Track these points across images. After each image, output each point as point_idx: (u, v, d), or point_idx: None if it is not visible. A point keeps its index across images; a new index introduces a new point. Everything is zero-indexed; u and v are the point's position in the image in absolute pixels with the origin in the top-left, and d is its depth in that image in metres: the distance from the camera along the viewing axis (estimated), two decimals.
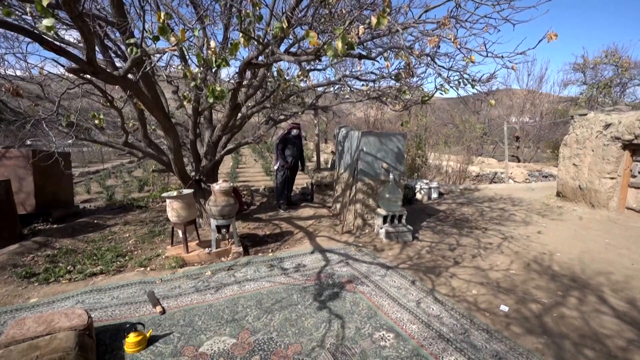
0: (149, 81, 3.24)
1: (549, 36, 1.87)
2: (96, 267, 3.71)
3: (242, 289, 3.20)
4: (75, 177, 15.40)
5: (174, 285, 3.26)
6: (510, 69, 2.31)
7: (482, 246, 4.44)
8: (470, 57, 2.48)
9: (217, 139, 4.89)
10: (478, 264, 3.88)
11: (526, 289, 3.25)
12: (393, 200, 4.54)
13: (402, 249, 4.29)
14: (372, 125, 10.11)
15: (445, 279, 3.45)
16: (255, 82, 4.18)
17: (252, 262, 3.83)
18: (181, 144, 5.46)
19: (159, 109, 3.51)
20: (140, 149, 4.55)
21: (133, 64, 2.32)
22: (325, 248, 4.28)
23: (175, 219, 3.89)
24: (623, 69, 16.50)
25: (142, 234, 5.03)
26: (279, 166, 6.16)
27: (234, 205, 4.01)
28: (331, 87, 5.96)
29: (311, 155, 15.91)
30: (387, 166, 4.69)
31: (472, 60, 2.49)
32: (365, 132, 4.68)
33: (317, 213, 5.92)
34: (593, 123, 5.99)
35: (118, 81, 2.46)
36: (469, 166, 12.61)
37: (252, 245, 4.50)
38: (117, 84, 2.56)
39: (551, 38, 1.87)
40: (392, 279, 3.43)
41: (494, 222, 5.61)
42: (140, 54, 2.12)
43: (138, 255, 4.17)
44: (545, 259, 4.02)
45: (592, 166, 5.97)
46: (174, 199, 3.83)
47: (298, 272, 3.57)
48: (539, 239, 4.73)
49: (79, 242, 4.62)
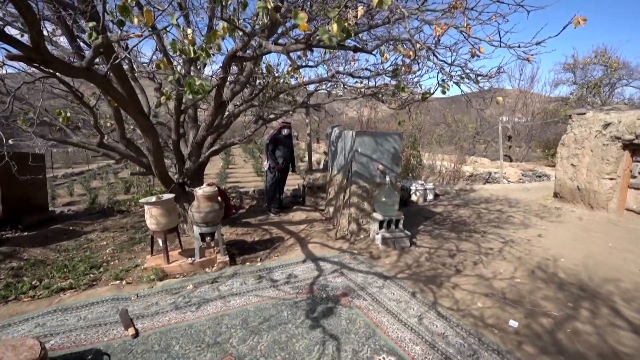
0: (122, 75, 2.91)
1: (576, 21, 1.63)
2: (65, 280, 3.36)
3: (227, 305, 2.89)
4: (58, 178, 14.84)
5: (151, 302, 2.93)
6: (525, 60, 2.08)
7: (483, 252, 4.23)
8: (480, 48, 2.25)
9: (202, 140, 4.56)
10: (480, 271, 3.65)
11: (534, 300, 3.03)
12: (389, 204, 4.29)
13: (400, 256, 4.05)
14: (365, 125, 9.87)
15: (448, 290, 3.21)
16: (242, 78, 3.88)
17: (239, 273, 3.52)
18: (164, 145, 5.13)
19: (135, 107, 3.18)
20: (118, 151, 4.20)
21: (96, 53, 2.00)
22: (318, 256, 4.00)
23: (154, 226, 3.56)
24: (612, 69, 16.63)
25: (121, 241, 4.67)
26: (269, 167, 5.86)
27: (218, 211, 3.70)
28: (323, 84, 5.70)
29: (303, 155, 15.62)
30: (383, 168, 4.43)
31: (480, 51, 2.25)
32: (359, 131, 4.42)
33: (309, 217, 5.64)
34: (592, 122, 5.85)
35: (80, 73, 2.13)
36: (462, 166, 12.49)
37: (240, 254, 4.19)
38: (79, 76, 2.24)
39: (579, 23, 1.63)
40: (390, 290, 3.18)
41: (492, 225, 5.42)
42: (102, 41, 1.81)
43: (114, 267, 3.83)
44: (550, 265, 3.82)
45: (591, 166, 5.83)
46: (153, 205, 3.51)
47: (289, 284, 3.28)
48: (541, 243, 4.54)
49: (50, 252, 4.24)
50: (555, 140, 18.90)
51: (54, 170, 16.04)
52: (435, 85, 2.94)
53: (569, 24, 1.65)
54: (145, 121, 3.51)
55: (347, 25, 1.66)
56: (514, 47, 2.05)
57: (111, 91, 2.65)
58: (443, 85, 2.70)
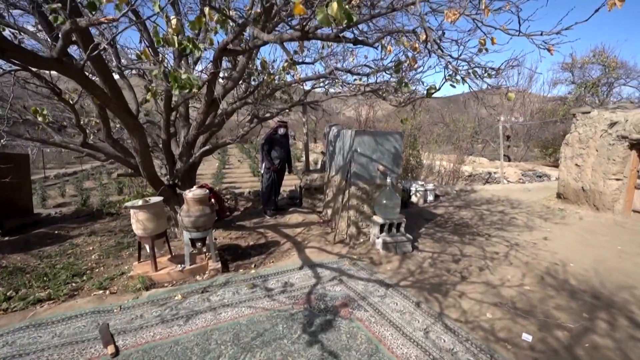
0: (103, 68, 2.67)
1: (612, 3, 1.44)
2: (44, 291, 3.13)
3: (218, 317, 2.68)
4: (50, 179, 14.51)
5: (135, 315, 2.71)
6: (546, 50, 1.88)
7: (488, 256, 4.04)
8: (492, 38, 2.05)
9: (193, 139, 4.33)
10: (487, 278, 3.46)
11: (546, 310, 2.84)
12: (390, 207, 4.09)
13: (402, 262, 3.85)
14: (363, 125, 9.67)
15: (454, 299, 3.01)
16: (235, 74, 3.66)
17: (232, 281, 3.30)
18: (154, 145, 4.89)
19: (119, 104, 2.95)
20: (104, 151, 3.96)
21: (66, 40, 1.78)
22: (315, 262, 3.79)
23: (140, 231, 3.33)
24: (611, 68, 16.57)
25: (108, 246, 4.43)
26: (265, 169, 5.64)
27: (210, 215, 3.48)
28: (321, 82, 5.48)
29: (300, 155, 15.41)
30: (383, 168, 4.23)
31: (493, 42, 2.05)
32: (359, 130, 4.22)
33: (307, 220, 5.42)
34: (597, 121, 5.69)
35: (49, 65, 1.91)
36: (461, 166, 12.33)
37: (233, 259, 3.97)
38: (49, 68, 2.02)
39: (614, 5, 1.44)
40: (393, 300, 2.97)
41: (496, 228, 5.24)
42: (71, 26, 1.59)
43: (99, 274, 3.60)
44: (559, 270, 3.64)
45: (596, 167, 5.67)
46: (139, 209, 3.28)
47: (284, 294, 3.07)
48: (547, 247, 4.37)
49: (32, 258, 4.00)
50: (553, 140, 18.84)
51: (45, 171, 15.71)
52: (442, 80, 2.74)
53: (601, 6, 1.46)
54: (131, 119, 3.28)
55: (348, 8, 1.45)
56: (534, 35, 1.85)
57: (89, 86, 2.42)
58: (452, 79, 2.50)
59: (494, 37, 2.06)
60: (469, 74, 2.76)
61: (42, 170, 15.41)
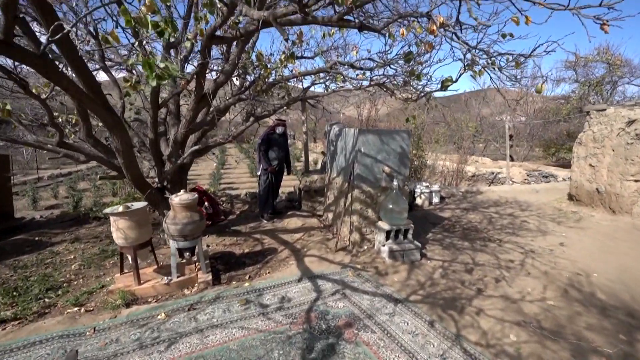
0: (73, 56, 2.34)
1: None
2: (12, 308, 2.79)
3: (205, 341, 2.35)
4: (43, 180, 14.14)
5: (110, 339, 2.38)
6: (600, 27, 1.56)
7: (503, 265, 3.72)
8: (526, 17, 1.72)
9: (183, 138, 4.00)
10: (505, 291, 3.14)
11: (577, 330, 2.52)
12: (397, 212, 3.76)
13: (410, 272, 3.52)
14: (365, 123, 9.34)
15: (472, 318, 2.68)
16: (227, 67, 3.32)
17: (223, 296, 2.97)
18: (142, 144, 4.56)
19: (96, 98, 2.62)
20: (84, 151, 3.63)
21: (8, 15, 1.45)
22: (315, 273, 3.46)
23: (121, 241, 3.00)
24: (615, 66, 16.27)
25: (91, 254, 4.09)
26: (262, 170, 5.30)
27: (199, 222, 3.14)
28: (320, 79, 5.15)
29: (299, 154, 15.07)
30: (389, 170, 3.90)
31: (527, 21, 1.73)
32: (363, 129, 3.89)
33: (306, 224, 5.09)
34: (613, 119, 5.37)
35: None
36: (464, 166, 12.02)
37: (226, 269, 3.64)
38: None
39: None
40: (403, 319, 2.65)
41: (507, 232, 4.91)
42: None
43: (77, 287, 3.26)
44: (583, 282, 3.32)
45: (613, 167, 5.35)
46: (119, 215, 2.94)
47: (281, 311, 2.74)
48: (565, 254, 4.05)
49: (5, 269, 3.66)
50: (556, 139, 18.56)
51: (39, 172, 15.36)
52: (459, 71, 2.41)
53: None
54: (110, 116, 2.95)
55: None
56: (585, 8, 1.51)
57: (54, 76, 2.09)
58: (472, 69, 2.17)
59: (528, 16, 1.74)
60: (488, 64, 2.43)
61: (35, 171, 15.06)
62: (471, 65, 2.28)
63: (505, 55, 2.22)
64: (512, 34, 2.28)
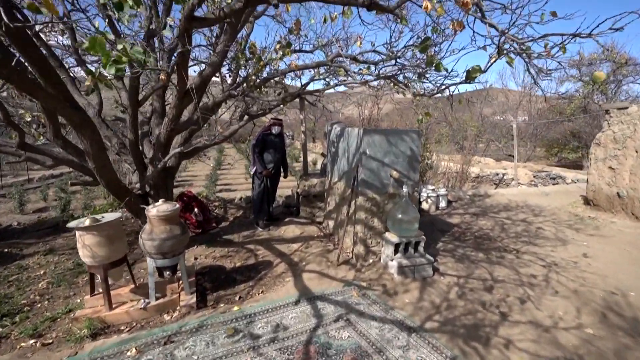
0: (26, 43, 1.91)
1: None
2: None
3: None
4: (33, 181, 13.66)
5: None
6: None
7: (525, 281, 3.31)
8: None
9: (166, 139, 3.56)
10: (533, 315, 2.73)
11: None
12: (407, 222, 3.35)
13: (423, 291, 3.10)
14: (367, 123, 8.92)
15: (500, 353, 2.27)
16: (214, 58, 2.90)
17: (207, 324, 2.54)
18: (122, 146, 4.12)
19: (55, 93, 2.18)
20: (50, 154, 3.19)
21: None
22: (315, 293, 3.03)
23: (88, 259, 2.56)
24: (620, 64, 15.93)
25: (63, 269, 3.65)
26: (256, 173, 4.87)
27: (180, 237, 2.71)
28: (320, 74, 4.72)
29: (298, 155, 14.65)
30: (398, 175, 3.48)
31: None
32: (368, 129, 3.47)
33: (305, 232, 4.67)
34: (637, 118, 4.98)
35: None
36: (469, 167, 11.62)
37: (214, 288, 3.21)
38: None
39: None
40: (419, 354, 2.23)
41: (523, 241, 4.51)
42: None
43: (40, 311, 2.82)
44: (621, 303, 2.91)
45: (636, 170, 4.95)
46: (85, 230, 2.51)
47: (275, 344, 2.32)
48: (592, 267, 3.65)
49: None
50: (560, 139, 18.23)
51: (29, 173, 14.88)
52: (489, 59, 2.00)
53: None
54: (75, 114, 2.51)
55: None
56: None
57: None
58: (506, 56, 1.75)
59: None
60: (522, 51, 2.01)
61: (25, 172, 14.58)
62: (506, 53, 1.87)
63: (551, 36, 1.80)
64: (555, 13, 1.87)
